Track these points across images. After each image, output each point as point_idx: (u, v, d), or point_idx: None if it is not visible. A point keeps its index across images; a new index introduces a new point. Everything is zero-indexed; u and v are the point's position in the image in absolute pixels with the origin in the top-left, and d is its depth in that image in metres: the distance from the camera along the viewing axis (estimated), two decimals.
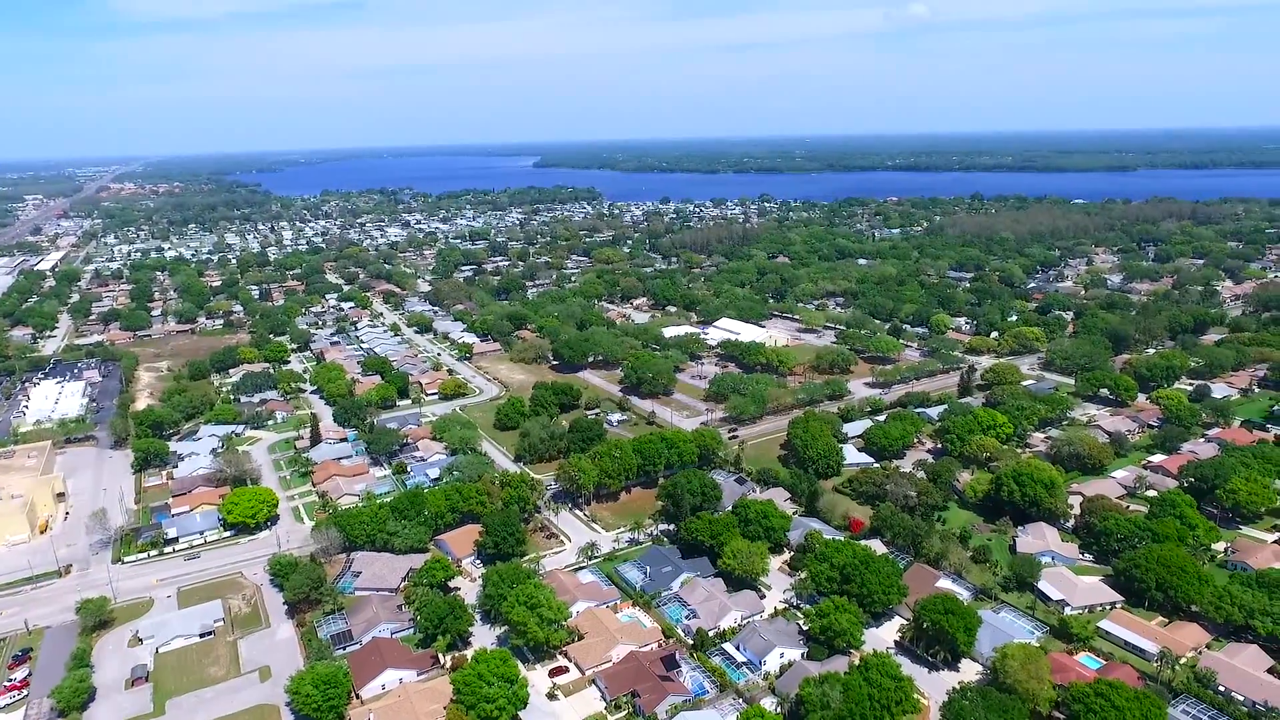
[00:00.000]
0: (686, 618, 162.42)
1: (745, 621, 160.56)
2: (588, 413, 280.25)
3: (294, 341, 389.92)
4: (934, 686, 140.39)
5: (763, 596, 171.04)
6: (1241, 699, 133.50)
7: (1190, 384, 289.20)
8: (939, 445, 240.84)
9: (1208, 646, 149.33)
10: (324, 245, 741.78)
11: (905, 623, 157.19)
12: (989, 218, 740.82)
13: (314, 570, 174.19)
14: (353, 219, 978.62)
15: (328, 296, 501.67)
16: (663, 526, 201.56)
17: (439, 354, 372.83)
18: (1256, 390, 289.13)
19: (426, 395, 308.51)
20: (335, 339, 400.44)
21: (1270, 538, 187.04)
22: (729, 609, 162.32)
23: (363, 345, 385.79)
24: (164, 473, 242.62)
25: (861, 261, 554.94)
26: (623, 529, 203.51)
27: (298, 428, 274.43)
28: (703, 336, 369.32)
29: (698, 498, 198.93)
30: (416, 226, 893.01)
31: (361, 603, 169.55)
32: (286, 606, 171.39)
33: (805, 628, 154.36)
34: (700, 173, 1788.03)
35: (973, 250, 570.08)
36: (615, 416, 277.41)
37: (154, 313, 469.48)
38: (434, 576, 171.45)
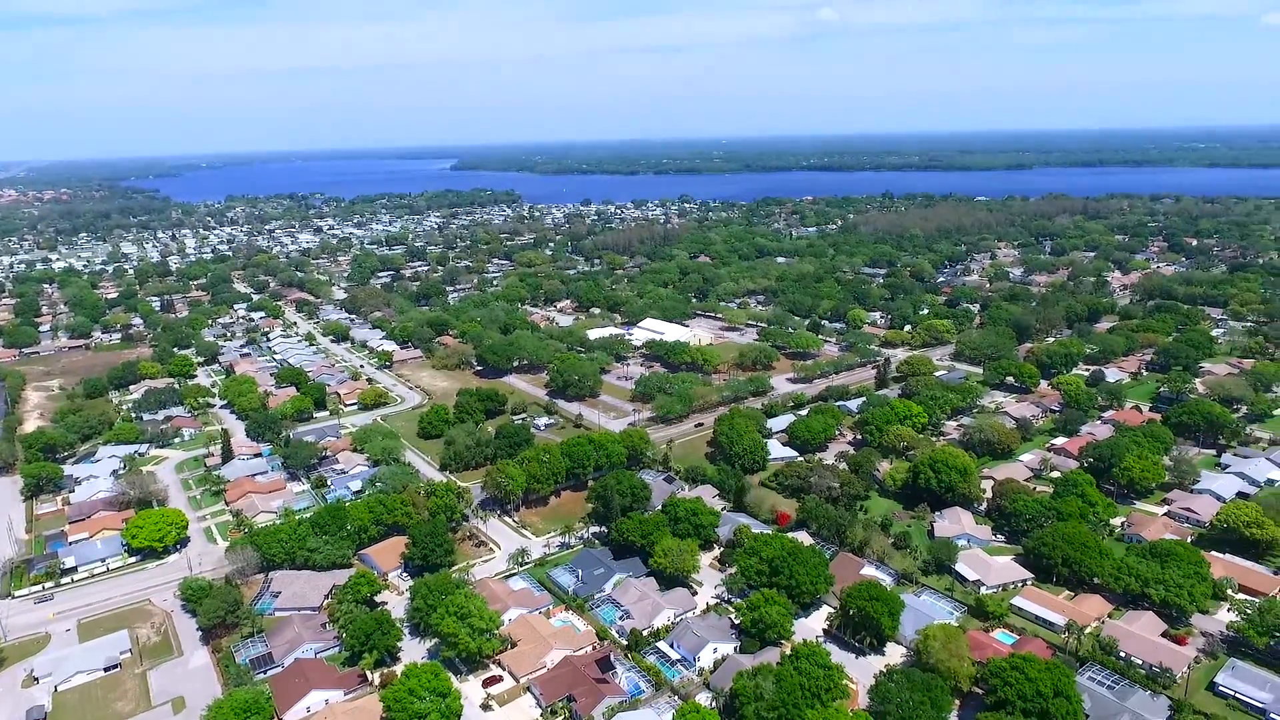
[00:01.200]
0: (620, 619, 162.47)
1: (678, 619, 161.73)
2: (514, 418, 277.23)
3: (200, 354, 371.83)
4: (862, 671, 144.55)
5: (694, 593, 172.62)
6: (1140, 662, 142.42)
7: (1086, 369, 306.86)
8: (859, 436, 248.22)
9: (1109, 616, 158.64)
10: (230, 253, 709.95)
11: (833, 611, 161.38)
12: (899, 215, 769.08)
13: (230, 592, 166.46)
14: (261, 225, 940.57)
15: (236, 306, 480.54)
16: (594, 529, 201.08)
17: (358, 363, 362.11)
18: (1145, 374, 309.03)
19: (345, 406, 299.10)
20: (246, 350, 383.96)
21: (1160, 511, 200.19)
22: (662, 608, 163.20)
23: (276, 356, 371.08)
24: (59, 498, 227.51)
25: (780, 260, 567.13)
26: (553, 533, 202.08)
27: (207, 444, 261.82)
28: (628, 337, 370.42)
29: (627, 498, 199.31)
30: (330, 232, 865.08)
31: (282, 624, 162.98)
32: (200, 632, 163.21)
33: (737, 622, 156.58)
34: (620, 174, 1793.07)
35: (885, 247, 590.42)
36: (542, 420, 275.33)
37: (42, 328, 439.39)
38: (359, 592, 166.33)
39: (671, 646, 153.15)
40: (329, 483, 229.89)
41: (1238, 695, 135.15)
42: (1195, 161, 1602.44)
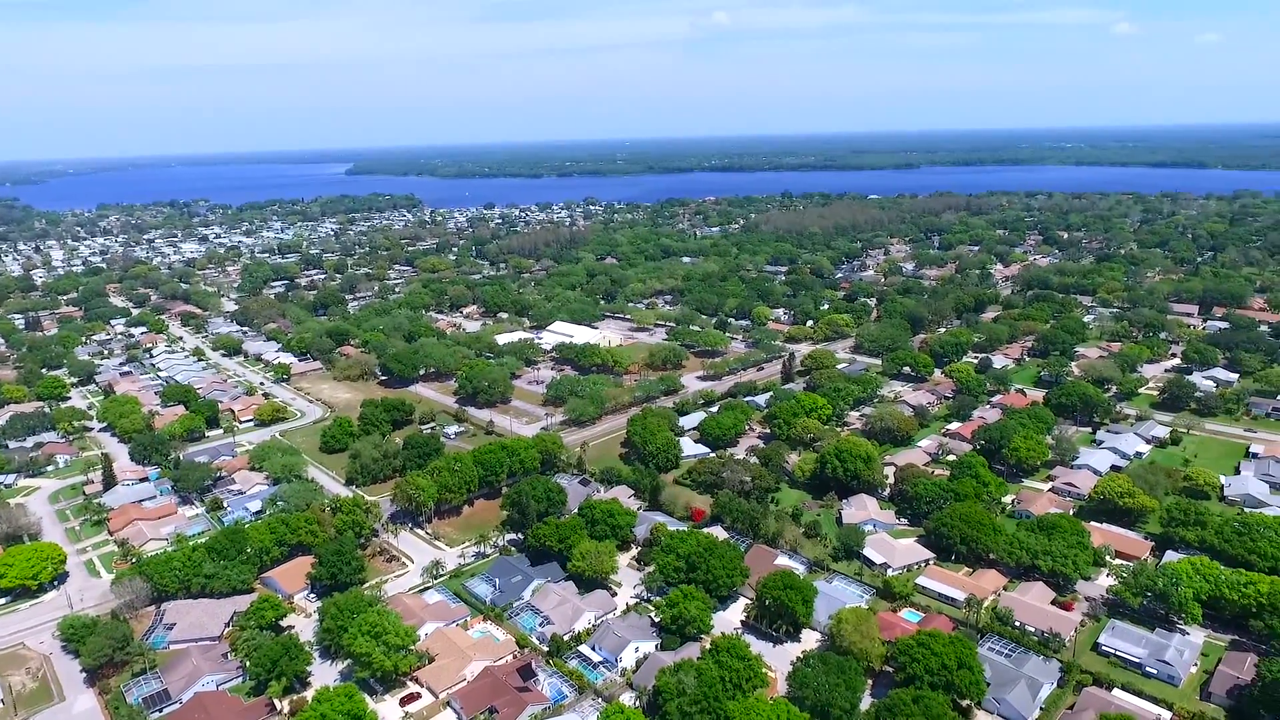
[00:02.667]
0: (540, 625, 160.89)
1: (599, 621, 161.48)
2: (422, 427, 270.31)
3: (74, 375, 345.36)
4: (780, 659, 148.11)
5: (614, 594, 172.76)
6: (1033, 629, 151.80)
7: (975, 357, 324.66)
8: (768, 430, 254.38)
9: (1005, 588, 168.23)
10: (105, 265, 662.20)
11: (750, 602, 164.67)
12: (798, 214, 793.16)
13: (117, 628, 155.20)
14: (139, 235, 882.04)
15: (114, 322, 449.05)
16: (510, 536, 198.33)
17: (254, 378, 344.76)
18: (1027, 359, 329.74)
19: (240, 423, 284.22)
20: (126, 369, 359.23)
21: (1045, 487, 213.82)
22: (582, 611, 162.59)
23: (161, 374, 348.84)
24: None
25: (686, 260, 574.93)
26: (468, 543, 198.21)
27: (86, 471, 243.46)
28: (537, 341, 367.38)
29: (543, 503, 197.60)
30: (216, 241, 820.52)
31: (178, 657, 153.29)
32: (85, 674, 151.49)
33: (657, 619, 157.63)
34: (524, 177, 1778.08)
35: (786, 245, 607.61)
36: (452, 429, 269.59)
37: None
38: (263, 617, 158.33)
39: (593, 649, 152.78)
40: (225, 504, 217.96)
41: (1118, 653, 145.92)
42: (1063, 160, 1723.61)
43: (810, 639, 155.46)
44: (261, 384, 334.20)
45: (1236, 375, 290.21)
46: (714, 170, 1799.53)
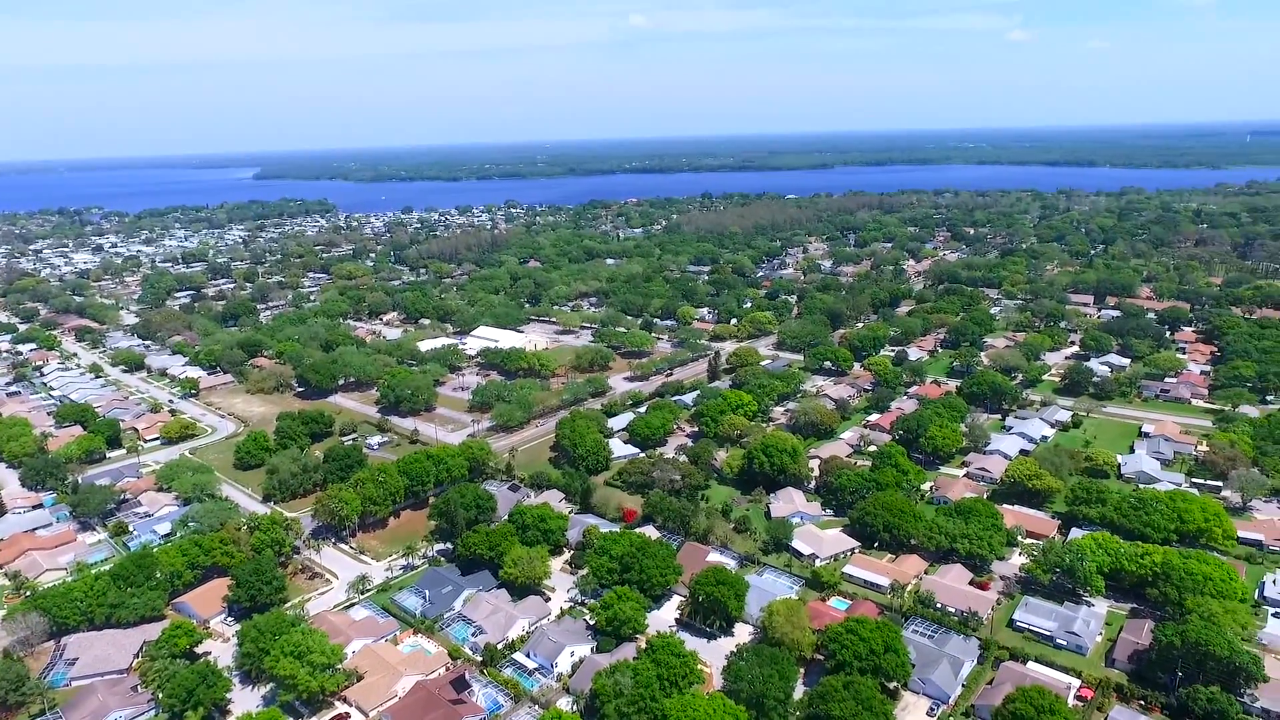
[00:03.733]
0: (473, 635, 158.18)
1: (533, 628, 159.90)
2: (344, 439, 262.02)
3: None
4: (714, 654, 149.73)
5: (548, 600, 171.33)
6: (953, 610, 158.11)
7: (892, 350, 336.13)
8: (696, 429, 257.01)
9: (926, 572, 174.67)
10: None
11: (683, 600, 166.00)
12: (719, 215, 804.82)
13: (9, 668, 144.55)
14: (24, 245, 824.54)
15: None
16: (439, 546, 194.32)
17: (159, 394, 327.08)
18: (940, 351, 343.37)
19: (145, 442, 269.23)
20: (14, 389, 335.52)
21: (961, 473, 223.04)
22: (516, 618, 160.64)
23: (53, 393, 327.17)
24: None
25: (609, 261, 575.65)
26: (395, 555, 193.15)
27: None
28: (461, 347, 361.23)
29: (472, 511, 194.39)
30: (113, 250, 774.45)
31: (83, 694, 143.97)
32: None
33: (592, 622, 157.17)
34: (442, 180, 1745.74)
35: (708, 245, 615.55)
36: (375, 439, 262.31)
37: None
38: (175, 645, 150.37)
39: (528, 656, 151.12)
40: (131, 529, 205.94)
41: (1031, 627, 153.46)
42: (967, 160, 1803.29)
43: (744, 632, 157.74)
44: (169, 400, 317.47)
45: (1129, 360, 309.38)
46: (635, 172, 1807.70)
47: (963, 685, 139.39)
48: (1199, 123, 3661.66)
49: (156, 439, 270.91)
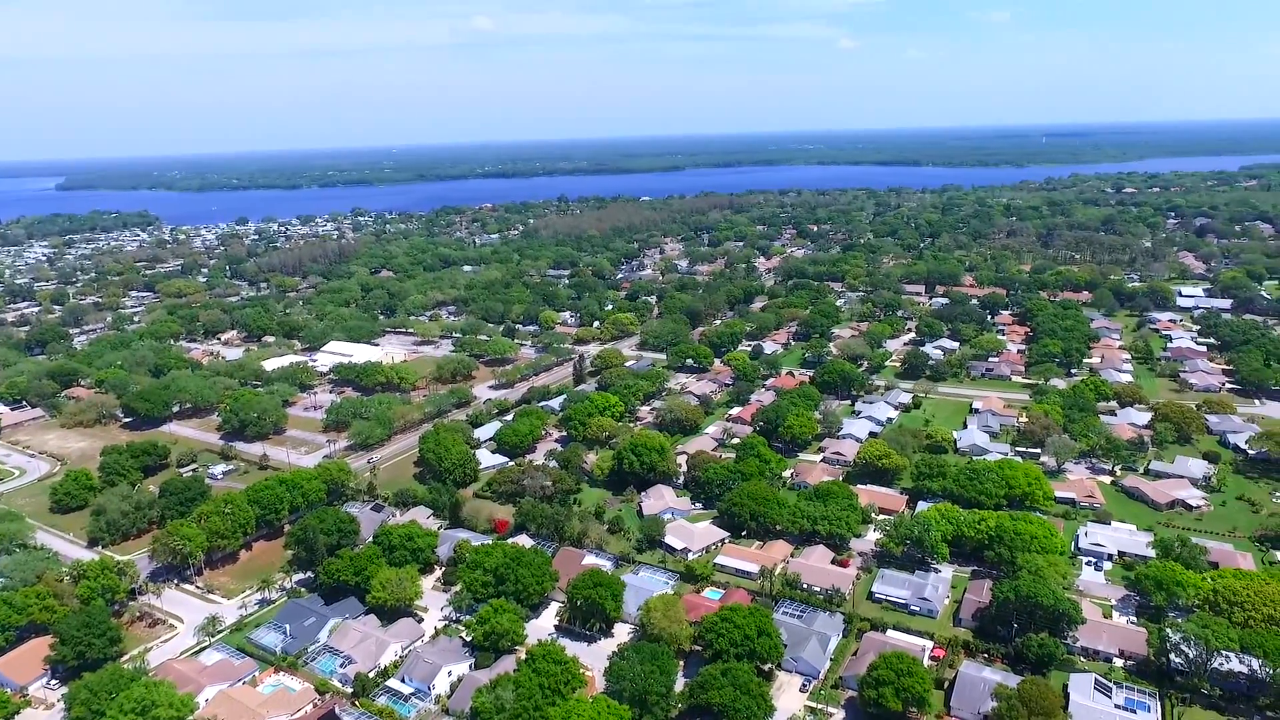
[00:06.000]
0: (342, 666, 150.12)
1: (407, 651, 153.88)
2: (182, 470, 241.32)
3: None
4: (596, 657, 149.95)
5: (421, 621, 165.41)
6: (819, 589, 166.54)
7: (749, 345, 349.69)
8: (565, 433, 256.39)
9: (792, 555, 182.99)
10: None
11: (561, 605, 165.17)
12: (576, 218, 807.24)
13: None
14: None
15: None
16: (298, 577, 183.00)
17: None
18: (792, 343, 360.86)
19: None
20: None
21: (818, 458, 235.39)
22: (388, 644, 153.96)
23: None
24: None
25: (467, 269, 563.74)
26: (249, 591, 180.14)
27: None
28: (311, 364, 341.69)
29: (333, 536, 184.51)
30: None
31: None
32: None
33: (469, 639, 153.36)
34: (281, 189, 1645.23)
35: (566, 249, 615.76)
36: (219, 468, 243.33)
37: None
38: None
39: (403, 681, 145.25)
40: None
41: (888, 598, 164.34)
42: (808, 160, 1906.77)
43: (623, 632, 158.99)
44: None
45: (958, 344, 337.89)
46: (489, 176, 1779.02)
47: (831, 659, 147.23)
48: (1003, 126, 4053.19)
49: None
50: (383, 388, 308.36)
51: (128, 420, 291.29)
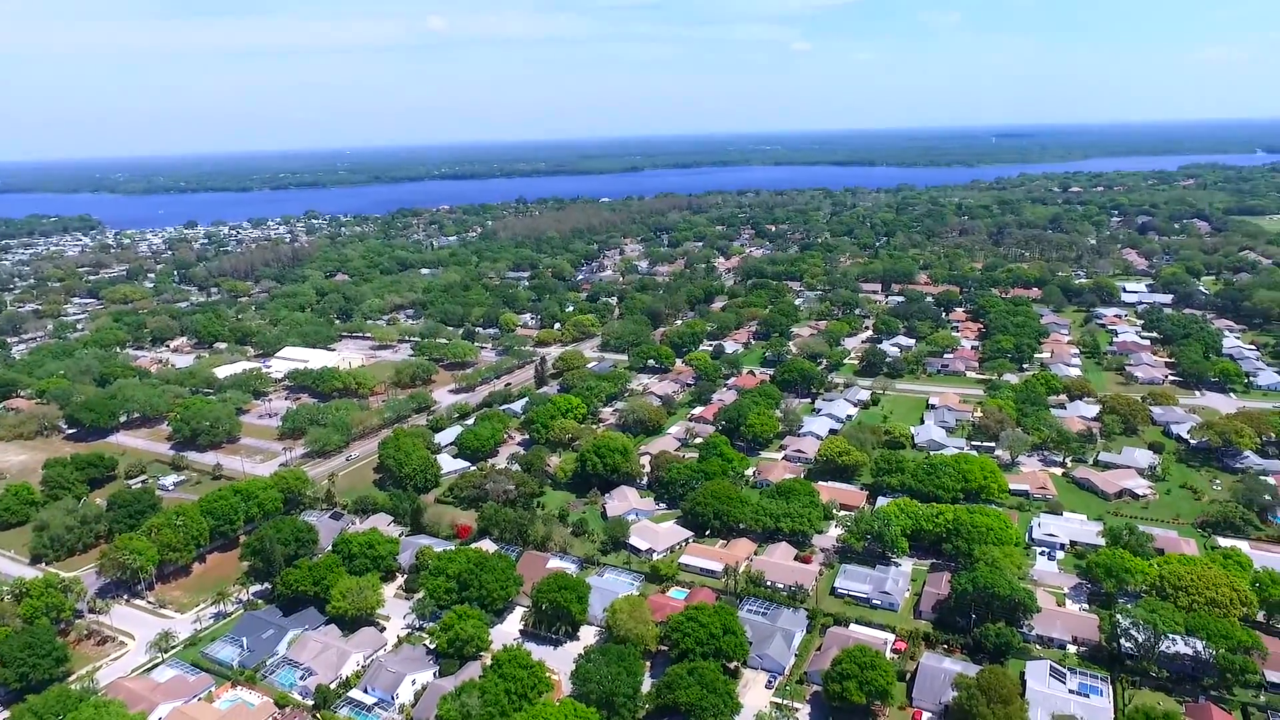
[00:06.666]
0: (302, 679, 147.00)
1: (369, 661, 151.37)
2: (130, 482, 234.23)
3: None
4: (562, 660, 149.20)
5: (383, 630, 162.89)
6: (782, 586, 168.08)
7: (710, 345, 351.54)
8: (527, 436, 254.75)
9: (755, 553, 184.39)
10: None
11: (526, 610, 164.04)
12: (535, 219, 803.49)
13: None
14: None
15: None
16: (255, 588, 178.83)
17: None
18: (753, 342, 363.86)
19: None
20: None
21: (779, 456, 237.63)
22: (349, 654, 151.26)
23: None
24: None
25: (425, 271, 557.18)
26: (204, 604, 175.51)
27: None
28: (266, 370, 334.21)
29: (291, 546, 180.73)
30: None
31: None
32: None
33: (433, 646, 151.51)
34: (231, 191, 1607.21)
35: (526, 250, 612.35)
36: (170, 479, 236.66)
37: None
38: None
39: (366, 692, 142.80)
40: None
41: (850, 593, 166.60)
42: (765, 161, 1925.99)
43: (589, 634, 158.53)
44: None
45: (914, 340, 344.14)
46: (446, 178, 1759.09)
47: (795, 655, 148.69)
48: (953, 126, 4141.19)
49: None
50: (340, 393, 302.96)
51: (72, 432, 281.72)
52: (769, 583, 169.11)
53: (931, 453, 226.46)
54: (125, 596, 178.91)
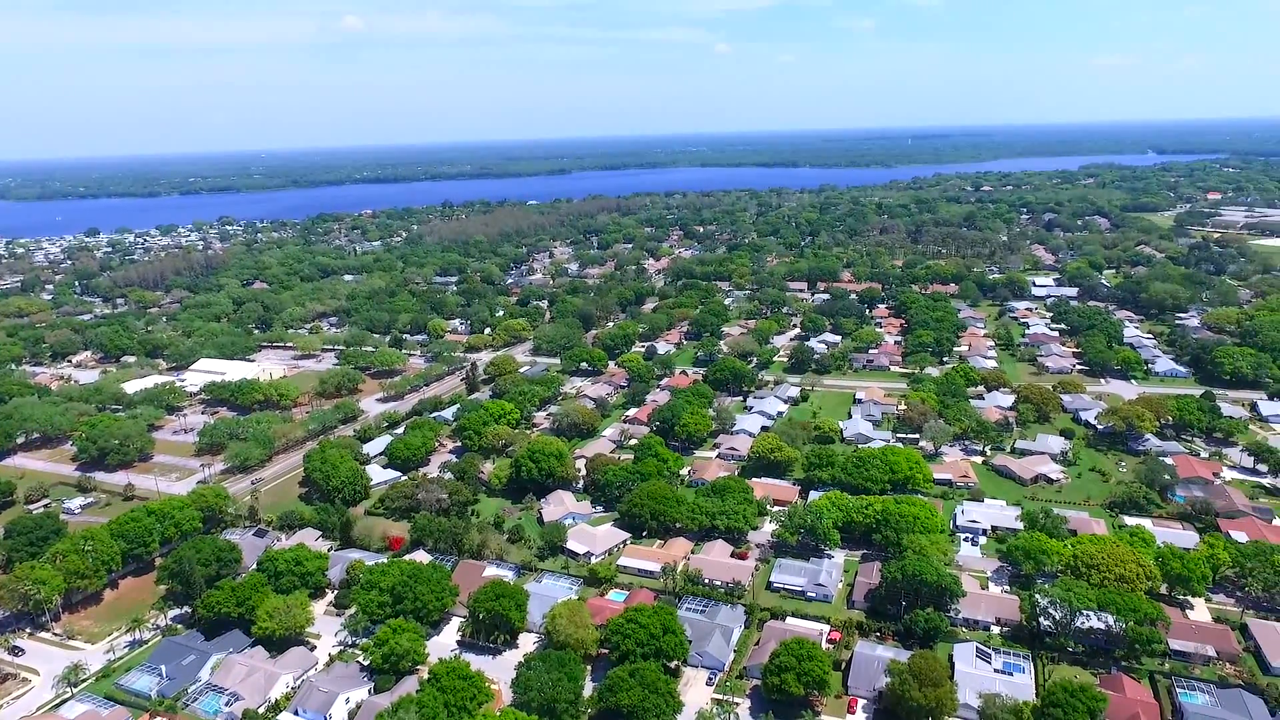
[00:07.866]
0: (227, 705, 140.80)
1: (300, 682, 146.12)
2: (30, 507, 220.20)
3: None
4: (502, 669, 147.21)
5: (314, 649, 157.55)
6: (720, 583, 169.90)
7: (642, 346, 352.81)
8: (460, 443, 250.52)
9: (692, 552, 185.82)
10: None
11: (464, 620, 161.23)
12: (461, 223, 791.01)
13: None
14: None
15: None
16: (174, 613, 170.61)
17: None
18: (685, 342, 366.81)
19: None
20: None
21: (713, 454, 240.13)
22: (278, 676, 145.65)
23: None
24: None
25: (348, 278, 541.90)
26: (117, 633, 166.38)
27: None
28: (179, 384, 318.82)
29: (211, 566, 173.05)
30: None
31: None
32: None
33: (367, 662, 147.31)
34: (136, 196, 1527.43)
35: (453, 255, 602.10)
36: (76, 502, 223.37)
37: None
38: None
39: (297, 714, 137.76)
40: None
41: (786, 586, 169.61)
42: (691, 162, 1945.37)
43: (528, 641, 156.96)
44: None
45: (840, 337, 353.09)
46: (368, 182, 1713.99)
47: (734, 650, 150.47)
48: (871, 128, 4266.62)
49: None
50: (261, 406, 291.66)
51: None
52: (707, 580, 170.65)
53: (859, 446, 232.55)
54: (28, 630, 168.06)
